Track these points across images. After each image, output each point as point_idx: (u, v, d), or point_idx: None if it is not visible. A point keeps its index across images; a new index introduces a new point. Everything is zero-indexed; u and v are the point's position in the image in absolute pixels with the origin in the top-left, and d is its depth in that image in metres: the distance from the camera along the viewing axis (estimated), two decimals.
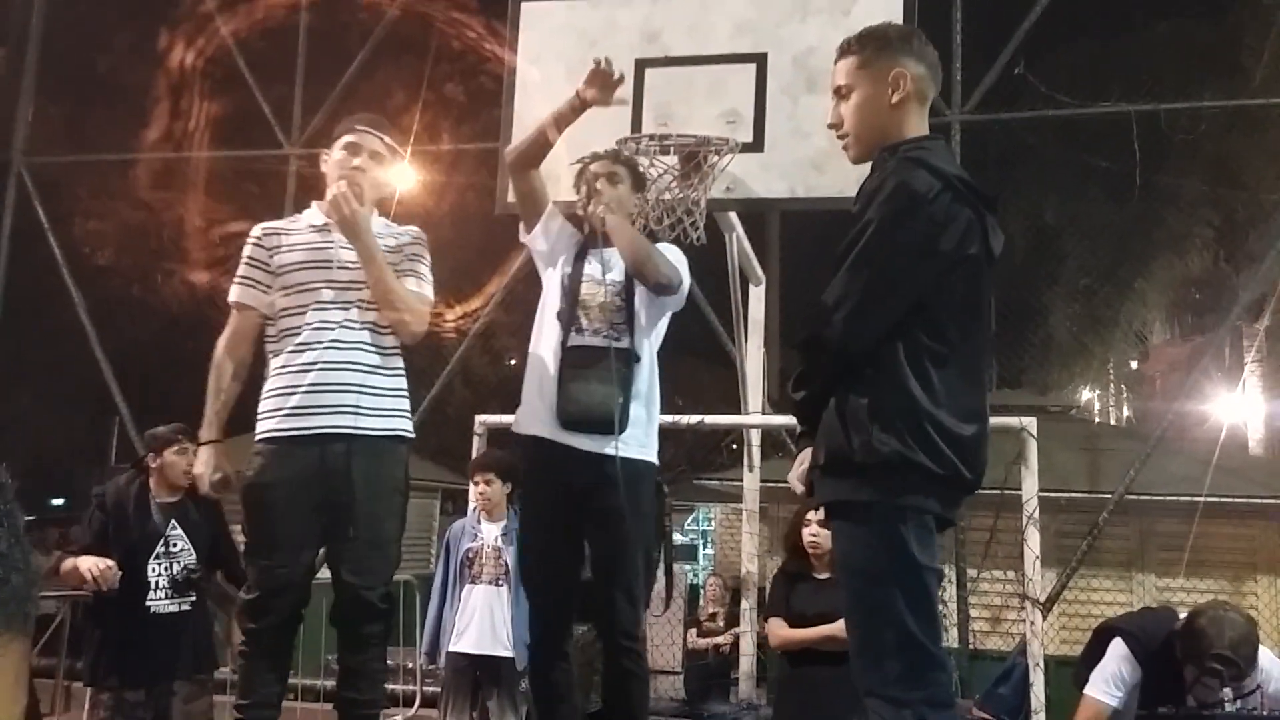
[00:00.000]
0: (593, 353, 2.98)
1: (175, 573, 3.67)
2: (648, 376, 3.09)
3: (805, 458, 2.23)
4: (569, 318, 3.04)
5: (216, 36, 8.61)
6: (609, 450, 2.90)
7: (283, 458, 2.78)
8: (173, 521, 3.71)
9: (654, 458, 3.10)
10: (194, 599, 3.71)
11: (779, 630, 3.96)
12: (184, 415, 4.15)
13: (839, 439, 2.04)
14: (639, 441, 3.01)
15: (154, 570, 3.65)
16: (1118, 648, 2.99)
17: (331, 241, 2.88)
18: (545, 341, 3.08)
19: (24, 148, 8.92)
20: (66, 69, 11.40)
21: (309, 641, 3.30)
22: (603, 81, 3.01)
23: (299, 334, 2.82)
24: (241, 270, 2.94)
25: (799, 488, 2.27)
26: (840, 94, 2.21)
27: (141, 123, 12.64)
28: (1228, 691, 2.72)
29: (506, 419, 4.85)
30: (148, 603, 3.60)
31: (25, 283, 9.23)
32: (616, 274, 3.09)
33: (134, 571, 3.59)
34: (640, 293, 3.08)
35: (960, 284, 2.07)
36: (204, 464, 2.86)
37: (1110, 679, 2.97)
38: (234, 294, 2.95)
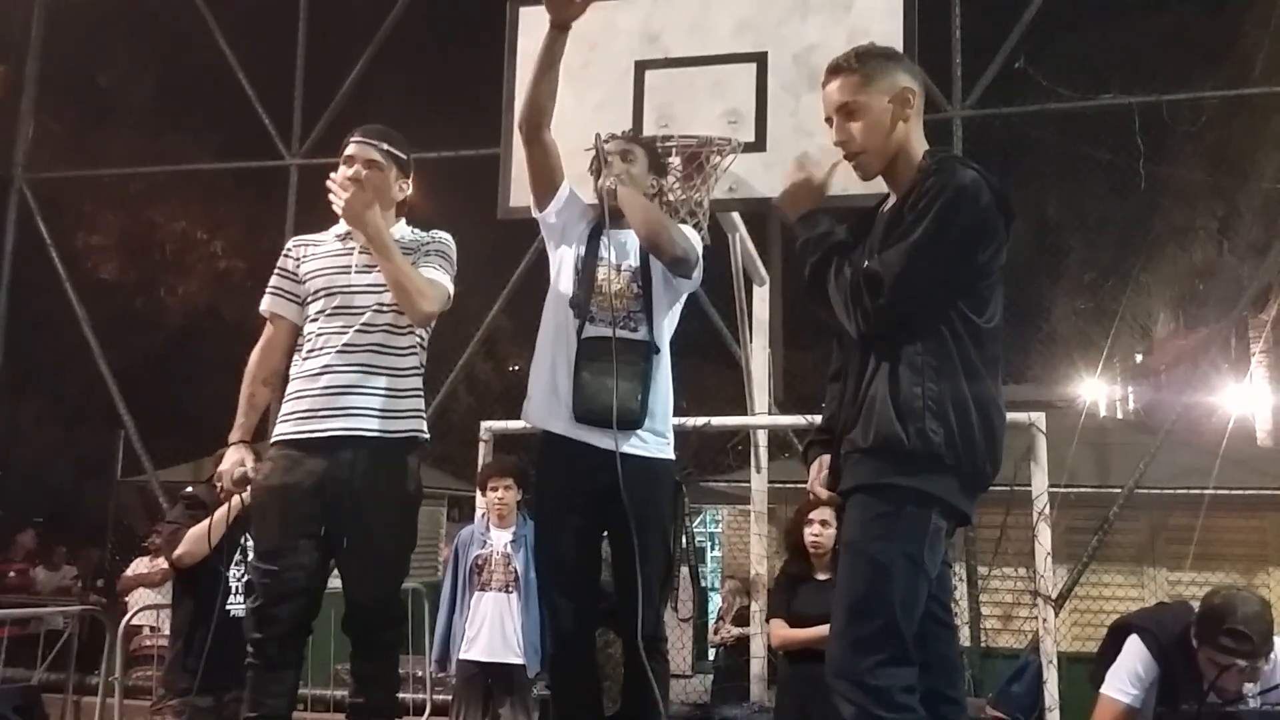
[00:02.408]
0: (610, 345, 2.86)
1: (249, 578, 3.81)
2: (665, 369, 2.98)
3: (823, 464, 2.28)
4: (584, 305, 2.92)
5: (215, 49, 8.60)
6: (628, 448, 2.81)
7: (291, 464, 2.78)
8: (246, 532, 3.83)
9: (672, 454, 3.01)
10: None
11: (779, 631, 4.04)
12: (189, 427, 4.20)
13: (891, 425, 2.08)
14: (658, 438, 2.92)
15: (234, 576, 3.82)
16: (1134, 645, 2.96)
17: (351, 249, 2.91)
18: (558, 330, 2.96)
19: (25, 164, 8.92)
20: (66, 85, 11.43)
21: (318, 651, 3.31)
22: None
23: (316, 339, 2.85)
24: (272, 281, 2.99)
25: (824, 493, 2.31)
26: (844, 112, 2.25)
27: (141, 137, 12.68)
28: (1249, 687, 2.69)
29: (512, 425, 4.85)
30: (228, 606, 3.75)
31: (29, 298, 9.23)
32: (633, 259, 2.97)
33: (217, 576, 3.72)
34: (657, 278, 2.96)
35: (995, 287, 2.18)
36: (228, 461, 2.87)
37: (1127, 677, 2.95)
38: (264, 304, 3.00)
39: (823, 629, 3.81)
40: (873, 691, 2.02)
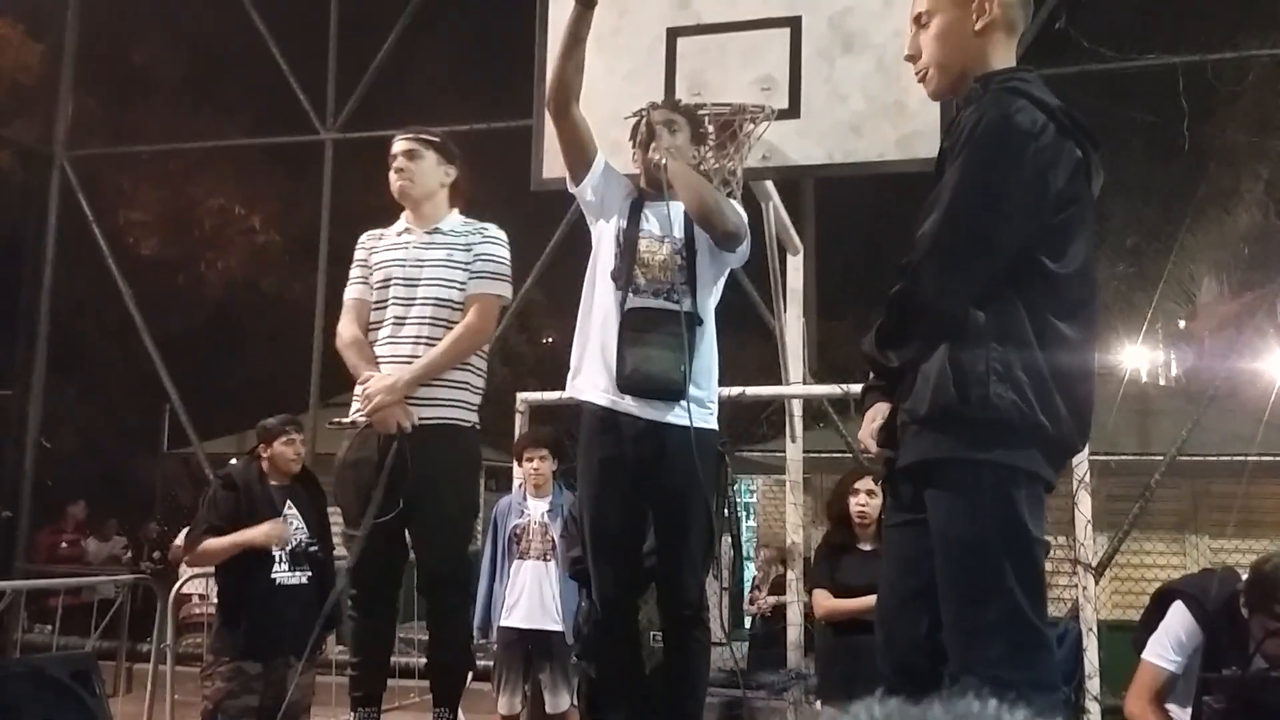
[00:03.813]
0: (654, 315, 2.84)
1: (293, 547, 3.98)
2: (709, 340, 2.97)
3: (879, 413, 2.05)
4: (626, 277, 2.90)
5: (250, 25, 8.65)
6: (672, 418, 2.81)
7: (362, 442, 3.07)
8: (288, 501, 4.04)
9: (715, 424, 2.99)
10: (310, 574, 3.99)
11: (824, 601, 4.00)
12: (232, 400, 4.28)
13: (948, 392, 1.84)
14: (701, 408, 2.89)
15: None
16: (1177, 610, 2.93)
17: (407, 243, 3.15)
18: (600, 302, 2.94)
19: (65, 141, 9.05)
20: (104, 62, 11.54)
21: None
22: None
23: (377, 330, 3.12)
24: (352, 273, 3.26)
25: (873, 446, 2.08)
26: (919, 22, 2.04)
27: (179, 113, 12.78)
28: None
29: (548, 396, 4.88)
30: (272, 574, 3.90)
31: (73, 275, 9.39)
32: (678, 230, 2.94)
33: (262, 547, 3.88)
34: (703, 250, 2.94)
35: (1072, 226, 1.90)
36: (375, 385, 2.99)
37: (1169, 643, 2.92)
38: (348, 294, 3.25)
39: (868, 599, 3.81)
40: (1001, 685, 1.72)
